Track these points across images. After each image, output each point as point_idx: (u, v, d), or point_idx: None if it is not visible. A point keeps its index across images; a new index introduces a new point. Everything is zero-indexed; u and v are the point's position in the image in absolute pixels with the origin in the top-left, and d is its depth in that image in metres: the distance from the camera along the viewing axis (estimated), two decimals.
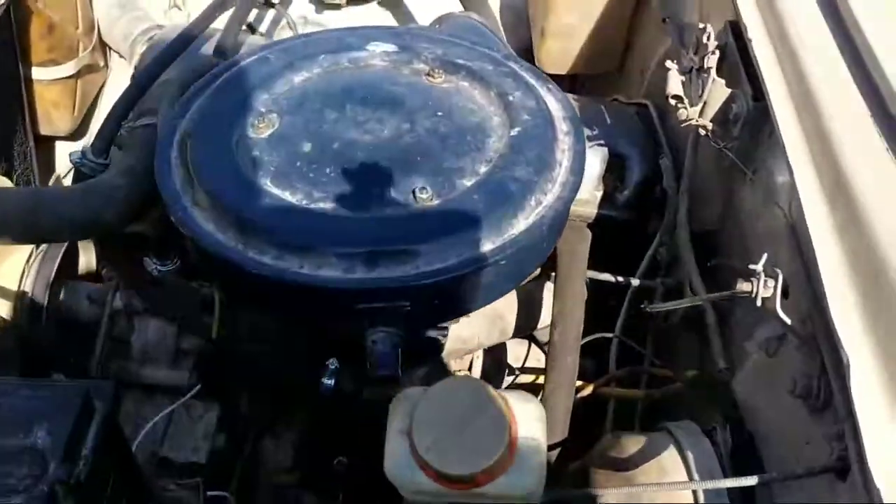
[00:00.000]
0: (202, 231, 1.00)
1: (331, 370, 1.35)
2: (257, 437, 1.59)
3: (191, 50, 1.39)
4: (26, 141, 1.91)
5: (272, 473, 1.61)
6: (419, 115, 1.13)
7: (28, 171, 1.93)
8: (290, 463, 1.62)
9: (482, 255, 0.97)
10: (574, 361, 1.23)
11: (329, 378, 1.35)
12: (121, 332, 1.52)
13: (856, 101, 1.03)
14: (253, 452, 1.62)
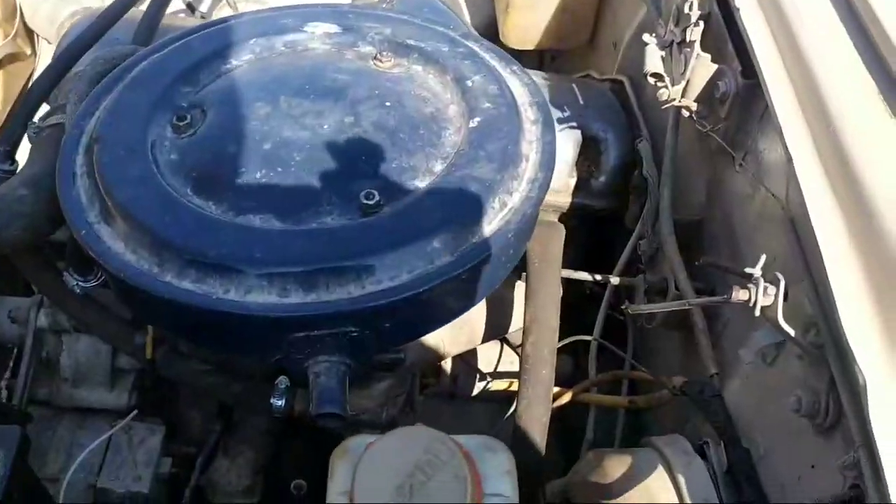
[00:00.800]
0: (109, 252, 0.85)
1: (280, 389, 1.22)
2: (208, 459, 1.46)
3: (109, 36, 1.23)
4: None
5: (226, 495, 1.49)
6: (364, 106, 0.99)
7: None
8: (246, 483, 1.50)
9: (440, 270, 0.84)
10: (549, 374, 1.11)
11: (279, 398, 1.22)
12: (48, 353, 1.38)
13: (861, 76, 0.91)
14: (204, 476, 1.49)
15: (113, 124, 0.96)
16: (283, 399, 1.21)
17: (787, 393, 0.93)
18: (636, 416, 1.51)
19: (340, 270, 0.82)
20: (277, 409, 1.21)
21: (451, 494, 0.61)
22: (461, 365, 1.49)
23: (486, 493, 0.64)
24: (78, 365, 1.37)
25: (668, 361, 1.37)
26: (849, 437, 0.81)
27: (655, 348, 1.45)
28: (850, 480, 0.81)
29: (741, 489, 0.96)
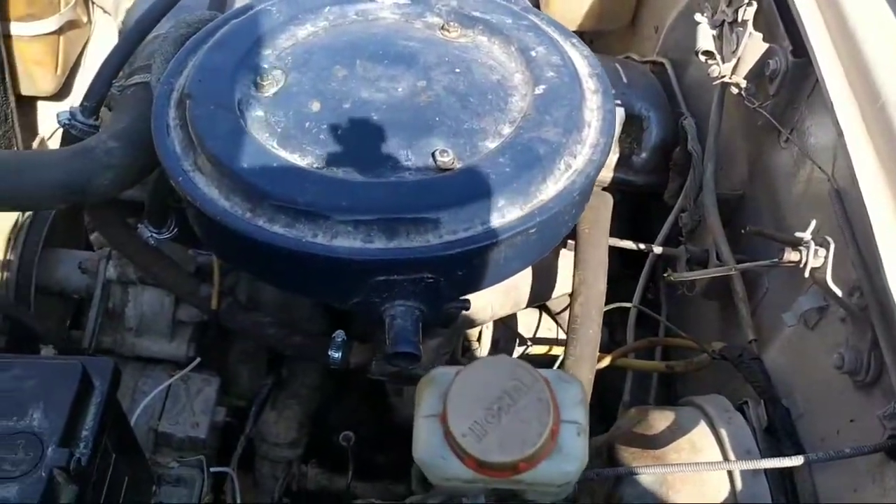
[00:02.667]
0: (206, 197, 0.92)
1: (337, 342, 1.29)
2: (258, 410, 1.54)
3: (184, 2, 1.29)
4: (7, 101, 1.81)
5: (273, 447, 1.56)
6: (435, 72, 1.05)
7: (9, 133, 1.83)
8: (293, 437, 1.57)
9: (511, 224, 0.90)
10: (596, 333, 1.17)
11: (336, 350, 1.29)
12: (115, 303, 1.45)
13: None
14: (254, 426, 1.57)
15: (202, 82, 1.02)
16: (339, 351, 1.28)
17: (827, 354, 0.99)
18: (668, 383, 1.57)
19: (420, 220, 0.88)
20: (334, 360, 1.28)
21: (536, 415, 0.67)
22: (502, 329, 1.56)
23: (563, 419, 0.71)
24: (142, 316, 1.45)
25: (703, 329, 1.43)
26: (889, 391, 0.87)
27: (689, 317, 1.51)
28: (888, 431, 0.87)
29: (781, 443, 1.02)
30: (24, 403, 0.89)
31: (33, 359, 1.00)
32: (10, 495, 0.82)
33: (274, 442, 1.55)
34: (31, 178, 1.04)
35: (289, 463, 1.55)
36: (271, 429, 1.55)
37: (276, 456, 1.55)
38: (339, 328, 1.30)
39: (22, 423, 0.88)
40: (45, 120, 2.09)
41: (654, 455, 1.01)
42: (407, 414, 1.58)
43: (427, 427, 0.73)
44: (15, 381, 0.91)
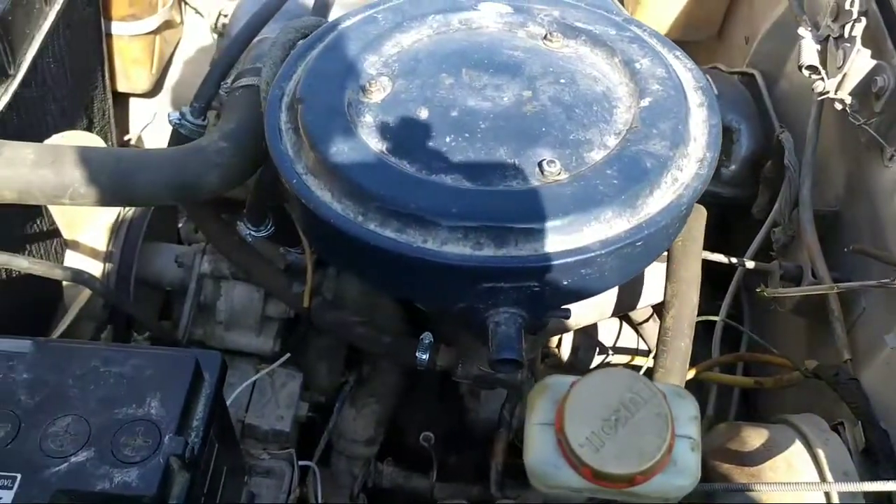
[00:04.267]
0: (318, 200, 0.94)
1: (425, 344, 1.32)
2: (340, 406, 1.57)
3: (288, 7, 1.33)
4: (105, 98, 1.88)
5: (350, 444, 1.59)
6: (540, 81, 1.06)
7: (106, 129, 1.90)
8: (370, 434, 1.60)
9: (618, 236, 0.91)
10: (687, 347, 1.17)
11: (423, 352, 1.31)
12: (206, 297, 1.49)
13: None
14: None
15: (313, 87, 1.05)
16: (427, 353, 1.30)
17: None
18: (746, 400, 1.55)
19: (529, 230, 0.90)
20: (422, 362, 1.31)
21: (654, 429, 0.68)
22: (582, 337, 1.56)
23: (678, 433, 0.71)
24: (232, 310, 1.49)
25: (788, 346, 1.41)
26: None
27: (773, 332, 1.49)
28: None
29: (879, 466, 1.00)
30: (143, 392, 0.93)
31: (150, 349, 1.04)
32: (130, 480, 0.86)
33: (352, 438, 1.58)
34: (146, 175, 1.09)
35: (367, 460, 1.58)
36: (349, 425, 1.58)
37: (352, 452, 1.58)
38: (418, 329, 1.32)
39: (141, 410, 0.92)
40: (136, 116, 2.16)
41: (750, 472, 1.01)
42: (482, 416, 1.60)
43: (539, 434, 0.75)
44: (135, 370, 0.95)
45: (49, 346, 0.98)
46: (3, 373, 0.93)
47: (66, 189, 1.08)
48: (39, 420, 0.89)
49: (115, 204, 1.14)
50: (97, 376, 0.94)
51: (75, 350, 0.98)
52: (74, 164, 1.08)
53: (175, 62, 2.15)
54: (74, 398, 0.92)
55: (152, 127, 2.15)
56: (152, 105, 2.16)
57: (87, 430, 0.89)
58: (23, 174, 1.07)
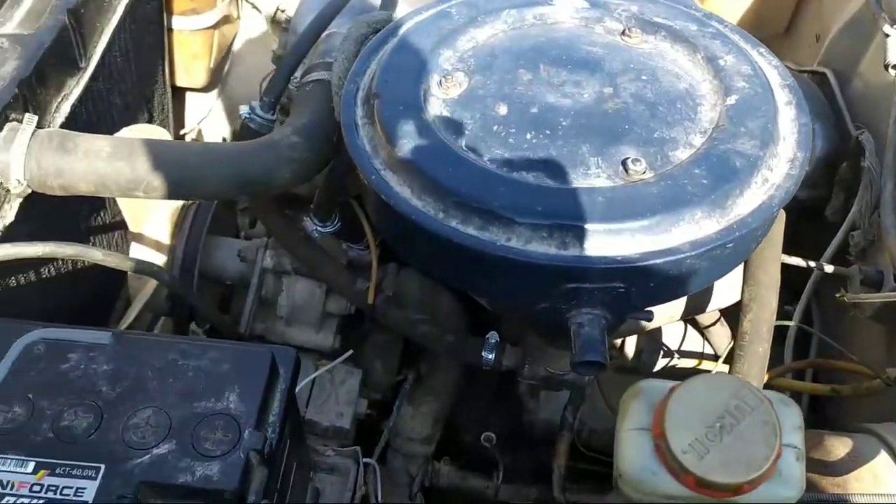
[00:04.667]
0: (398, 196, 0.93)
1: (491, 344, 1.30)
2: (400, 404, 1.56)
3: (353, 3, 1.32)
4: (165, 92, 1.89)
5: (407, 442, 1.58)
6: (621, 78, 1.04)
7: (164, 123, 1.91)
8: (427, 433, 1.59)
9: (709, 237, 0.88)
10: (765, 352, 1.14)
11: (489, 352, 1.30)
12: (268, 292, 1.49)
13: None
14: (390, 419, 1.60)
15: (388, 82, 1.04)
16: (493, 353, 1.29)
17: None
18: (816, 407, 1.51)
19: (616, 230, 0.87)
20: (488, 362, 1.29)
21: (762, 438, 0.66)
22: (646, 340, 1.53)
23: (783, 442, 0.69)
24: (294, 305, 1.49)
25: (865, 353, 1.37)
26: None
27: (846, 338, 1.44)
28: None
29: None
30: (221, 386, 0.92)
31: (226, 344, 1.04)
32: (212, 473, 0.85)
33: (408, 437, 1.57)
34: (218, 169, 1.09)
35: (426, 458, 1.57)
36: (407, 423, 1.57)
37: (410, 451, 1.57)
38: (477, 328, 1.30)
39: (219, 404, 0.91)
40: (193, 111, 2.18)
41: (835, 482, 0.97)
42: (542, 417, 1.58)
43: (634, 440, 0.72)
44: (212, 364, 0.94)
45: (127, 338, 0.98)
46: (85, 364, 0.94)
47: (141, 182, 1.09)
48: (121, 411, 0.89)
49: (186, 197, 1.15)
50: (176, 369, 0.94)
51: (153, 343, 0.98)
52: (149, 158, 1.08)
53: (231, 57, 2.15)
54: (154, 390, 0.92)
55: (208, 121, 2.16)
56: (208, 100, 2.17)
57: (168, 422, 0.89)
58: (99, 167, 1.08)
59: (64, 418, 0.89)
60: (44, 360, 0.94)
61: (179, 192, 1.08)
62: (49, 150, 1.07)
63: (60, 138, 1.09)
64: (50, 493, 0.84)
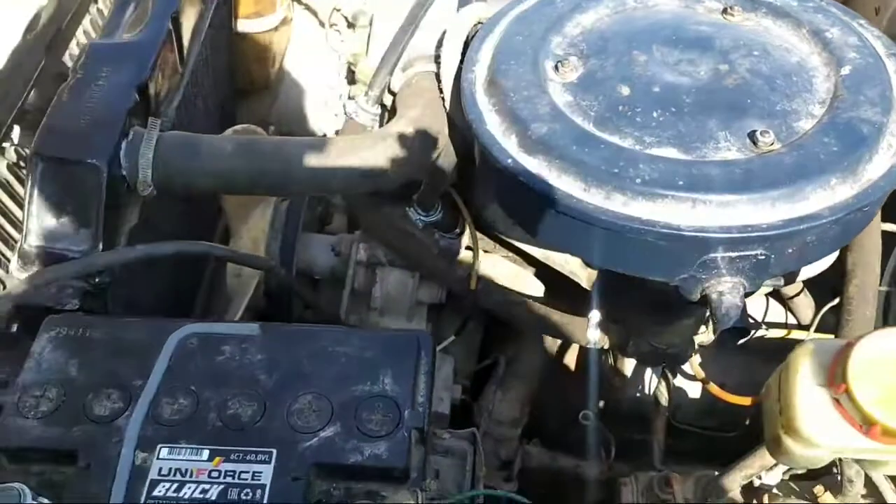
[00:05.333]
0: (538, 179, 0.96)
1: (595, 323, 1.33)
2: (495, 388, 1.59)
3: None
4: (232, 96, 1.92)
5: (497, 425, 1.61)
6: (734, 55, 1.07)
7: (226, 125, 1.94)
8: (515, 416, 1.62)
9: (846, 202, 0.92)
10: (872, 315, 1.17)
11: (594, 331, 1.33)
12: (359, 284, 1.52)
13: None
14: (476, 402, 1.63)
15: (508, 70, 1.07)
16: (596, 331, 1.32)
17: None
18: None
19: (756, 199, 0.91)
20: (594, 340, 1.32)
21: None
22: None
23: None
24: (388, 296, 1.51)
25: None
26: None
27: None
28: None
29: None
30: (375, 370, 0.96)
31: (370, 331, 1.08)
32: (380, 452, 0.89)
33: (498, 420, 1.60)
34: (342, 163, 1.11)
35: (512, 441, 1.60)
36: (495, 406, 1.60)
37: (499, 434, 1.60)
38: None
39: (376, 387, 0.94)
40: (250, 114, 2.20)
41: None
42: (629, 394, 1.61)
43: (810, 396, 0.76)
44: (361, 350, 0.98)
45: (275, 329, 1.01)
46: (239, 355, 0.97)
47: (265, 179, 1.11)
48: (282, 398, 0.92)
49: (310, 192, 1.17)
50: (328, 356, 0.97)
51: (301, 332, 1.01)
52: (272, 156, 1.11)
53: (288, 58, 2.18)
54: (311, 376, 0.95)
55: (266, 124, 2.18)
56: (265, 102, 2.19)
57: (329, 406, 0.92)
58: (223, 166, 1.11)
59: (229, 407, 0.92)
60: (199, 354, 0.97)
61: (303, 188, 1.11)
62: (175, 153, 1.10)
63: (184, 140, 1.12)
64: (228, 477, 0.87)
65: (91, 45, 1.17)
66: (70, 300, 1.07)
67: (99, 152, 1.06)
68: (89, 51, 1.17)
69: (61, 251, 1.05)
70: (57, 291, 1.06)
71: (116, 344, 0.97)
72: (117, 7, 1.24)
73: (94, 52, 1.17)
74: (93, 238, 1.06)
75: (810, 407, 0.75)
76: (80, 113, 1.08)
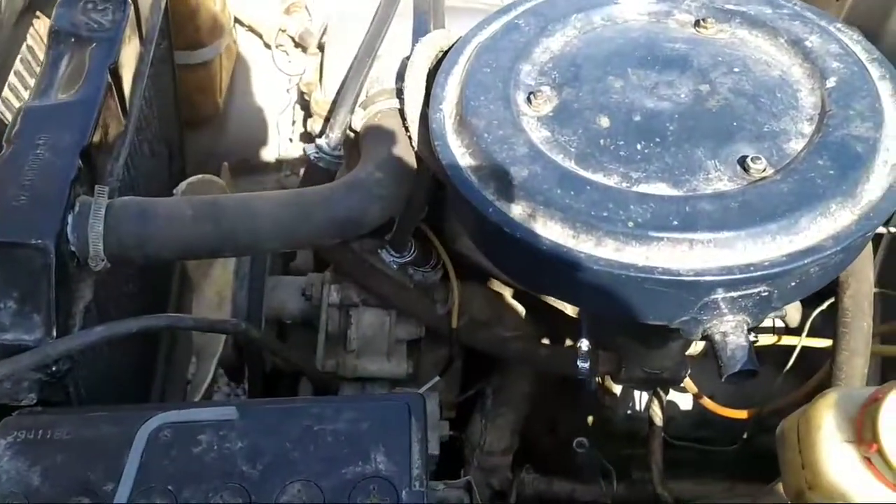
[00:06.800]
0: (523, 228, 0.90)
1: (584, 352, 1.29)
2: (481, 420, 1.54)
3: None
4: (177, 131, 1.82)
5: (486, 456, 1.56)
6: (714, 73, 1.02)
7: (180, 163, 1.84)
8: (505, 445, 1.57)
9: (849, 230, 0.87)
10: (869, 326, 1.14)
11: (584, 361, 1.28)
12: (335, 327, 1.45)
13: None
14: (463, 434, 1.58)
15: (477, 108, 1.00)
16: (587, 361, 1.28)
17: None
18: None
19: (756, 233, 0.86)
20: (583, 371, 1.28)
21: None
22: None
23: None
24: (364, 337, 1.45)
25: None
26: None
27: None
28: None
29: None
30: (366, 447, 0.89)
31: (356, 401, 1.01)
32: None
33: (488, 451, 1.55)
34: (314, 216, 1.04)
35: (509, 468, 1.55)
36: (484, 437, 1.55)
37: (489, 464, 1.55)
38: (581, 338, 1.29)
39: (368, 467, 0.88)
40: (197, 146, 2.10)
41: None
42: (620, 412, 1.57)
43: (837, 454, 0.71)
44: (350, 425, 0.91)
45: (254, 409, 0.94)
46: (218, 444, 0.90)
47: (228, 242, 1.04)
48: (268, 489, 0.86)
49: (279, 249, 1.10)
50: (314, 436, 0.91)
51: (282, 411, 0.94)
52: (236, 216, 1.03)
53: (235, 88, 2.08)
54: (298, 462, 0.88)
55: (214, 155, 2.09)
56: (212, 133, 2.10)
57: (320, 494, 0.86)
58: (184, 233, 1.03)
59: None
60: (174, 447, 0.90)
61: (272, 245, 1.04)
62: (128, 222, 1.02)
63: (137, 207, 1.04)
64: None
65: (25, 110, 1.08)
66: (26, 394, 0.99)
67: (44, 231, 0.96)
68: (23, 116, 1.07)
69: (12, 342, 0.96)
70: (12, 386, 0.98)
71: (82, 444, 0.90)
72: (50, 63, 1.14)
73: (28, 117, 1.07)
74: (45, 324, 0.97)
75: (838, 466, 0.71)
76: (18, 188, 0.99)
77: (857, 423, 0.70)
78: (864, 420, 0.69)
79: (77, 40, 1.18)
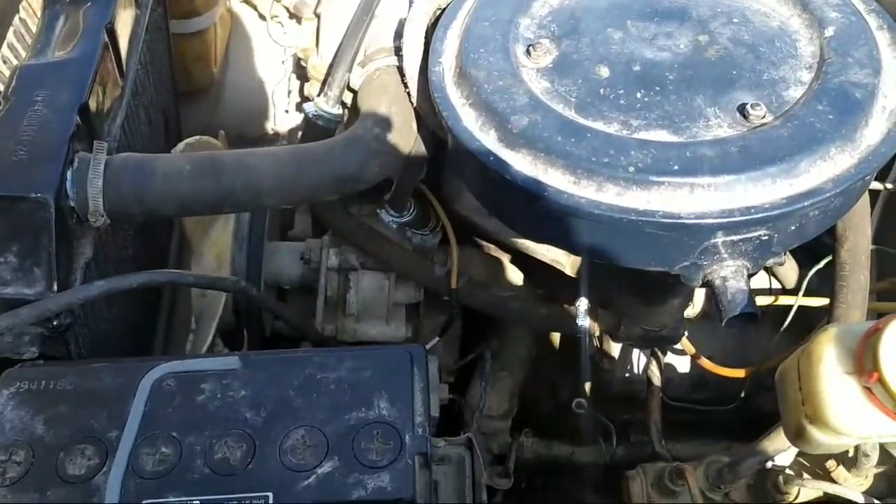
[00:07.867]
0: (523, 175, 0.90)
1: (583, 311, 1.29)
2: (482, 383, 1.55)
3: None
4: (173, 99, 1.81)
5: (486, 419, 1.57)
6: (713, 24, 1.02)
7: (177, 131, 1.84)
8: (505, 408, 1.58)
9: (848, 173, 0.87)
10: (866, 279, 1.15)
11: (583, 319, 1.29)
12: (334, 291, 1.46)
13: None
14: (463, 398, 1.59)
15: (478, 59, 1.00)
16: (586, 319, 1.28)
17: None
18: None
19: (756, 177, 0.86)
20: (582, 329, 1.28)
21: None
22: None
23: None
24: (363, 301, 1.45)
25: None
26: None
27: None
28: None
29: None
30: (368, 394, 0.90)
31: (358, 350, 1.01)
32: (384, 484, 0.83)
33: (487, 414, 1.56)
34: (312, 171, 1.04)
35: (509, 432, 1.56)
36: (483, 401, 1.56)
37: (489, 428, 1.56)
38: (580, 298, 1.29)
39: (372, 413, 0.89)
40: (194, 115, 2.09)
41: None
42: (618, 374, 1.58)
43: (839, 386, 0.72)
44: (351, 374, 0.92)
45: (256, 359, 0.94)
46: (221, 392, 0.90)
47: (228, 198, 1.04)
48: (272, 436, 0.86)
49: (277, 205, 1.10)
50: (316, 384, 0.91)
51: (284, 360, 0.94)
52: (235, 171, 1.03)
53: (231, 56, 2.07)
54: (301, 409, 0.89)
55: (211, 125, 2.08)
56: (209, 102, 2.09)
57: (324, 439, 0.86)
58: (183, 187, 1.03)
59: (216, 451, 0.86)
60: (177, 396, 0.90)
61: (273, 201, 1.04)
62: (126, 178, 1.02)
63: (136, 162, 1.04)
64: None
65: (21, 68, 1.07)
66: (28, 348, 0.99)
67: (44, 185, 0.96)
68: (20, 74, 1.07)
69: (13, 296, 0.96)
70: (13, 340, 0.98)
71: (85, 393, 0.90)
72: (46, 23, 1.13)
73: (25, 74, 1.06)
74: (46, 278, 0.97)
75: (839, 397, 0.72)
76: (17, 144, 0.99)
77: (858, 353, 0.71)
78: (864, 350, 0.70)
79: (72, 1, 1.17)
